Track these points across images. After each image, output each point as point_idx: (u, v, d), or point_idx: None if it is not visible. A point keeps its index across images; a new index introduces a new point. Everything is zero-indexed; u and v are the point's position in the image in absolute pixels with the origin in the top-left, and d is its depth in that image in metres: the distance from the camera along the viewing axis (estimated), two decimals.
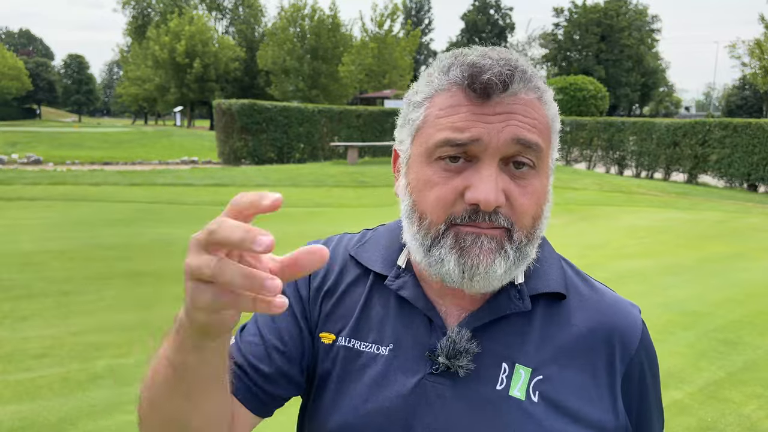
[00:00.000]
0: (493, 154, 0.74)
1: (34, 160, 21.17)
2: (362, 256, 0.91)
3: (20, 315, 4.85)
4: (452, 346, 0.79)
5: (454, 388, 0.79)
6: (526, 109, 0.76)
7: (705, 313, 5.59)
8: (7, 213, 9.59)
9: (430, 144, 0.77)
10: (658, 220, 11.33)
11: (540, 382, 0.79)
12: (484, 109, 0.74)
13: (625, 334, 0.85)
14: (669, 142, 20.19)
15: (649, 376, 0.86)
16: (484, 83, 0.74)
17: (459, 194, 0.75)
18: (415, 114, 0.81)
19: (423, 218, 0.78)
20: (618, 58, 58.42)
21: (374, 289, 0.88)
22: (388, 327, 0.85)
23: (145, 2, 61.02)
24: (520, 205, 0.76)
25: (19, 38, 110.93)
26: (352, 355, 0.85)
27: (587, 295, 0.88)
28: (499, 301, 0.82)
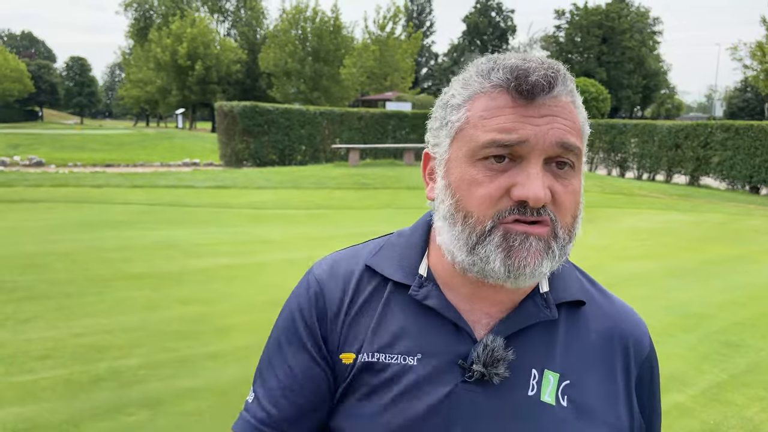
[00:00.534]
0: (539, 154, 0.76)
1: (36, 162, 21.21)
2: (380, 266, 0.90)
3: (23, 317, 4.85)
4: (490, 354, 0.79)
5: (487, 396, 0.80)
6: (566, 113, 0.78)
7: (707, 315, 5.59)
8: (10, 215, 9.61)
9: (475, 145, 0.78)
10: (660, 222, 11.32)
11: (568, 387, 0.82)
12: (529, 111, 0.76)
13: (639, 340, 0.89)
14: (671, 144, 20.19)
15: (656, 378, 0.92)
16: (531, 84, 0.75)
17: (505, 192, 0.76)
18: (455, 116, 0.81)
19: (468, 217, 0.78)
20: (619, 60, 58.39)
21: (394, 299, 0.87)
22: (414, 337, 0.84)
23: (147, 5, 61.12)
24: (563, 201, 0.78)
25: (22, 40, 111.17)
26: (377, 368, 0.83)
27: (600, 302, 0.91)
28: (528, 309, 0.83)
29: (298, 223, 10.07)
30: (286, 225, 9.80)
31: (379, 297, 0.88)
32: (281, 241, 8.34)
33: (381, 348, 0.84)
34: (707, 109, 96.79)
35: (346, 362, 0.85)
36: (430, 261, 0.88)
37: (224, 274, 6.39)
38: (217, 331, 4.69)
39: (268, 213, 11.05)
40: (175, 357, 4.20)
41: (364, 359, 0.84)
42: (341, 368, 0.86)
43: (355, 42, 41.37)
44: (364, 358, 0.84)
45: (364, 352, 0.85)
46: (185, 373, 3.95)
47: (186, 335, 4.61)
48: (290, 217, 10.74)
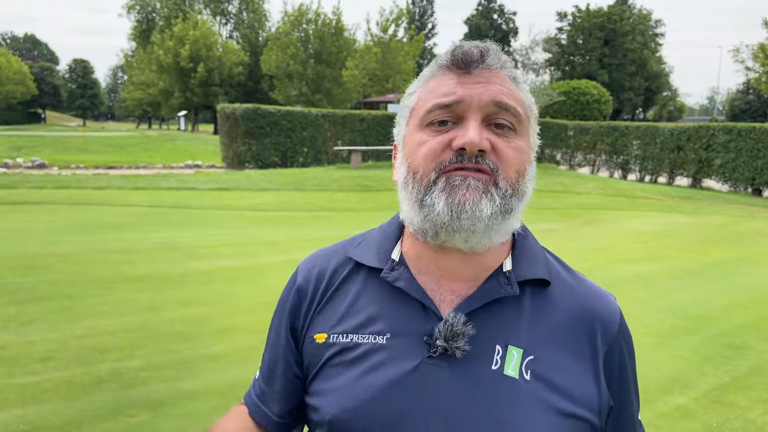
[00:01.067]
0: (475, 112, 0.84)
1: (39, 164, 21.26)
2: (358, 255, 0.97)
3: (25, 318, 4.86)
4: (450, 329, 0.84)
5: (452, 370, 0.84)
6: (503, 81, 0.87)
7: (709, 317, 5.58)
8: (12, 216, 9.62)
9: (422, 113, 0.88)
10: (662, 224, 11.31)
11: (531, 362, 0.85)
12: (466, 78, 0.86)
13: (606, 318, 0.92)
14: (673, 147, 20.17)
15: (627, 357, 0.95)
16: (464, 53, 0.86)
17: (446, 145, 0.84)
18: (409, 100, 0.92)
19: (416, 174, 0.86)
20: (621, 62, 58.39)
21: (369, 283, 0.94)
22: (385, 317, 0.90)
23: (149, 7, 61.28)
24: (504, 153, 0.84)
25: (24, 43, 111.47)
26: (348, 347, 0.90)
27: (570, 282, 0.95)
28: (489, 287, 0.89)
29: (300, 225, 10.08)
30: (288, 227, 9.81)
31: (356, 282, 0.95)
32: (283, 242, 8.35)
33: (354, 329, 0.91)
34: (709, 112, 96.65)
35: (318, 341, 0.93)
36: (403, 247, 0.95)
37: (226, 275, 6.39)
38: (218, 333, 4.69)
39: (270, 215, 11.06)
40: (177, 358, 4.20)
41: (335, 339, 0.91)
42: (314, 347, 0.93)
43: (357, 44, 41.40)
44: (336, 338, 0.91)
45: (336, 332, 0.92)
46: (187, 374, 3.95)
47: (187, 337, 4.62)
48: (292, 219, 10.75)
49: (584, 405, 0.86)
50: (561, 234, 9.94)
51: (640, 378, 0.88)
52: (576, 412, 0.85)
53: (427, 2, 71.96)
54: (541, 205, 13.19)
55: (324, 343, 0.92)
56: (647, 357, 4.55)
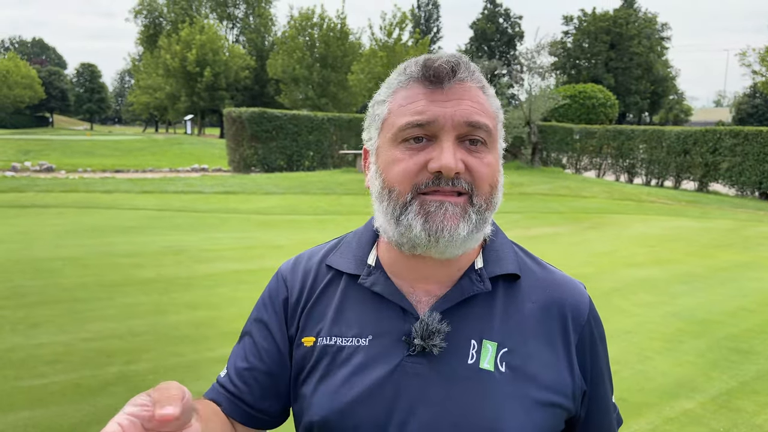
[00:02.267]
0: (449, 131, 0.86)
1: (47, 168, 21.37)
2: (335, 262, 1.00)
3: (33, 321, 4.89)
4: (426, 328, 0.88)
5: (430, 366, 0.88)
6: (474, 95, 0.88)
7: (716, 321, 5.55)
8: (20, 220, 9.69)
9: (396, 129, 0.88)
10: (669, 228, 11.27)
11: (506, 354, 0.89)
12: (438, 95, 0.87)
13: (576, 307, 0.96)
14: (679, 150, 20.11)
15: (598, 343, 0.98)
16: (436, 69, 0.86)
17: (422, 166, 0.86)
18: (380, 109, 0.93)
19: (392, 191, 0.88)
20: (627, 66, 58.25)
21: (349, 289, 0.97)
22: (366, 321, 0.93)
23: (156, 12, 61.59)
24: (478, 171, 0.87)
25: (33, 47, 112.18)
26: (334, 350, 0.93)
27: (539, 274, 0.98)
28: (463, 285, 0.92)
29: (305, 228, 10.10)
30: (294, 230, 9.83)
31: (336, 288, 0.98)
32: (289, 246, 8.36)
33: (338, 333, 0.94)
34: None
35: (307, 345, 0.96)
36: (378, 252, 0.98)
37: (232, 279, 6.42)
38: (224, 336, 4.71)
39: (276, 218, 11.09)
40: (183, 361, 4.22)
41: (323, 342, 0.94)
42: (303, 350, 0.96)
43: (362, 48, 41.47)
44: (323, 341, 0.94)
45: (323, 335, 0.95)
46: (193, 377, 3.96)
47: (194, 340, 4.64)
48: (298, 222, 10.77)
49: (559, 392, 0.90)
50: (566, 238, 9.93)
51: (647, 382, 0.88)
52: (551, 400, 0.89)
53: (432, 6, 72.03)
54: (547, 209, 13.16)
55: (312, 346, 0.95)
56: (653, 361, 4.53)
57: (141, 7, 61.14)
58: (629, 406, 3.69)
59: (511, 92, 26.36)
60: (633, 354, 4.66)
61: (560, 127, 23.90)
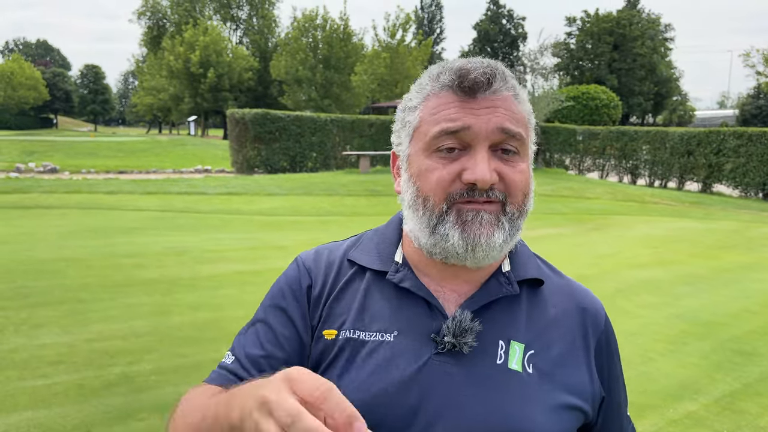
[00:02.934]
0: (483, 140, 0.86)
1: (51, 169, 21.42)
2: (359, 258, 0.99)
3: (36, 322, 4.90)
4: (459, 325, 0.88)
5: (459, 365, 0.88)
6: (507, 104, 0.88)
7: (720, 323, 5.54)
8: (24, 221, 9.71)
9: (428, 138, 0.88)
10: (672, 229, 11.25)
11: (533, 356, 0.90)
12: (471, 104, 0.87)
13: (595, 314, 0.99)
14: (683, 151, 20.07)
15: (614, 349, 1.01)
16: (471, 81, 0.86)
17: (457, 176, 0.86)
18: (411, 116, 0.92)
19: (427, 201, 0.88)
20: (631, 67, 58.14)
21: (373, 285, 0.96)
22: (391, 316, 0.92)
23: (160, 13, 61.73)
24: (512, 180, 0.88)
25: (37, 49, 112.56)
26: (356, 344, 0.91)
27: (558, 282, 1.01)
28: (491, 286, 0.93)
29: (308, 229, 10.11)
30: (297, 231, 9.84)
31: (359, 284, 0.97)
32: (292, 247, 8.37)
33: (361, 327, 0.92)
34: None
35: (328, 338, 0.93)
36: (404, 250, 0.98)
37: (235, 280, 6.42)
38: (227, 337, 4.70)
39: (279, 219, 11.10)
40: (186, 363, 4.22)
41: (345, 335, 0.92)
42: (324, 343, 0.93)
43: (365, 49, 41.51)
44: (345, 335, 0.92)
45: (345, 329, 0.93)
46: (196, 378, 3.96)
47: (197, 341, 4.64)
48: (301, 223, 10.78)
49: (580, 395, 0.91)
50: (570, 239, 9.91)
51: (650, 384, 0.88)
52: (574, 403, 0.90)
53: (435, 7, 72.04)
54: (550, 210, 13.15)
55: (333, 339, 0.93)
56: (657, 363, 4.52)
57: (145, 9, 61.29)
58: (632, 408, 3.67)
59: None
60: (636, 355, 4.64)
61: (563, 128, 23.87)
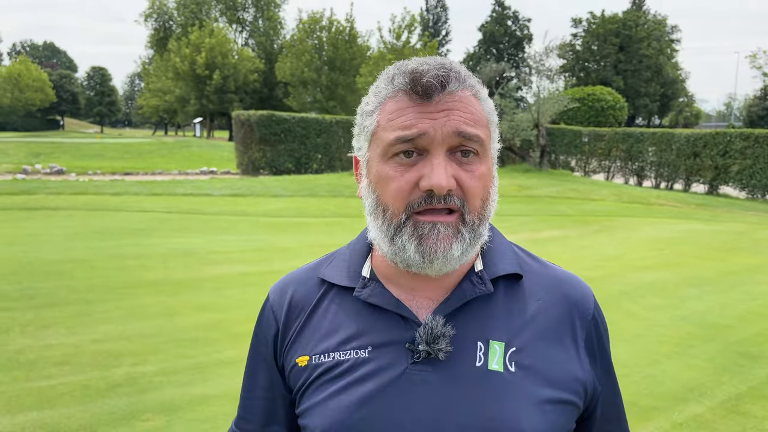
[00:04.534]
0: (439, 145, 0.83)
1: (57, 171, 21.52)
2: (328, 275, 0.98)
3: (43, 323, 4.93)
4: (430, 332, 0.86)
5: (437, 372, 0.86)
6: (464, 105, 0.85)
7: (726, 325, 5.51)
8: (31, 223, 9.76)
9: (385, 144, 0.86)
10: (678, 231, 11.20)
11: (514, 353, 0.88)
12: (427, 108, 0.84)
13: (581, 302, 0.95)
14: (689, 153, 19.99)
15: (604, 337, 0.98)
16: (424, 85, 0.84)
17: (414, 184, 0.84)
18: (369, 121, 0.90)
19: (386, 210, 0.87)
20: (637, 68, 58.01)
21: (344, 302, 0.95)
22: (365, 332, 0.91)
23: (166, 15, 61.96)
24: (469, 187, 0.85)
25: (44, 51, 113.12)
26: (330, 366, 0.90)
27: (541, 272, 0.98)
28: (464, 288, 0.91)
29: (313, 231, 10.11)
30: (302, 233, 9.85)
31: (330, 303, 0.96)
32: (296, 248, 8.38)
33: (335, 347, 0.91)
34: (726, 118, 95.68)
35: (301, 364, 0.93)
36: (373, 262, 0.97)
37: (240, 281, 6.43)
38: (232, 338, 4.72)
39: (284, 221, 11.11)
40: (191, 364, 4.23)
41: (318, 360, 0.91)
42: (298, 370, 0.93)
43: (370, 51, 41.55)
44: (318, 359, 0.91)
45: (317, 353, 0.92)
46: (200, 379, 3.98)
47: (201, 342, 4.65)
48: (306, 225, 10.79)
49: (570, 389, 0.89)
50: (575, 241, 9.88)
51: (656, 386, 0.88)
52: (563, 398, 0.88)
53: (441, 9, 72.06)
54: (555, 211, 13.12)
55: (306, 365, 0.92)
56: (663, 365, 4.50)
57: (151, 11, 61.53)
58: (638, 410, 3.67)
59: (520, 95, 26.30)
60: (642, 358, 4.63)
61: (569, 130, 23.82)
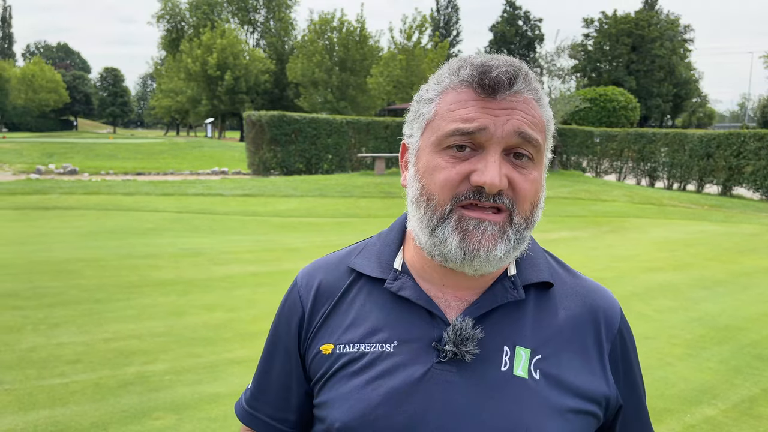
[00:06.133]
0: (497, 143, 0.82)
1: (70, 171, 21.68)
2: (359, 264, 0.97)
3: (54, 321, 4.96)
4: (459, 333, 0.84)
5: (462, 374, 0.85)
6: (527, 108, 0.84)
7: (739, 327, 5.45)
8: (43, 222, 9.84)
9: (441, 134, 0.84)
10: (691, 232, 11.11)
11: (539, 361, 0.87)
12: (490, 104, 0.82)
13: (608, 315, 0.94)
14: (702, 154, 19.83)
15: (631, 351, 0.96)
16: (492, 80, 0.82)
17: (465, 177, 0.82)
18: (426, 109, 0.88)
19: (430, 200, 0.84)
20: (649, 68, 57.59)
21: (373, 293, 0.93)
22: (391, 326, 0.89)
23: (178, 17, 62.31)
24: (521, 189, 0.83)
25: (58, 52, 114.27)
26: (354, 357, 0.89)
27: (570, 282, 0.96)
28: (496, 292, 0.89)
29: (323, 231, 10.13)
30: (312, 233, 9.86)
31: (359, 293, 0.94)
32: (307, 249, 8.39)
33: (360, 338, 0.90)
34: (740, 119, 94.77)
35: (325, 352, 0.92)
36: (405, 255, 0.95)
37: (250, 281, 6.45)
38: (241, 338, 4.73)
39: (295, 221, 11.13)
40: (201, 363, 4.25)
41: (342, 349, 0.90)
42: (321, 358, 0.92)
43: (381, 52, 41.55)
44: (342, 348, 0.90)
45: (342, 342, 0.91)
46: (210, 378, 3.99)
47: (211, 341, 4.67)
48: (316, 225, 10.81)
49: (591, 400, 0.88)
50: (586, 242, 9.83)
51: (667, 388, 0.86)
52: (586, 408, 0.87)
53: (451, 10, 71.97)
54: (566, 212, 13.05)
55: (330, 354, 0.91)
56: (675, 367, 4.46)
57: (163, 12, 61.92)
58: (650, 413, 3.62)
59: None
60: (654, 359, 4.59)
61: (580, 131, 23.69)
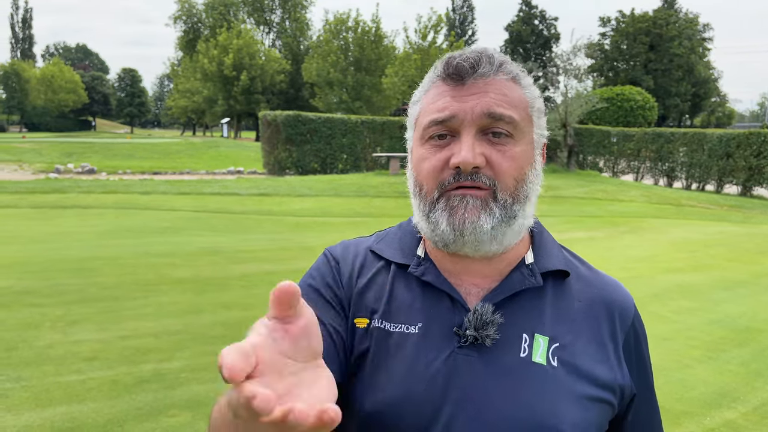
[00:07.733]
0: (469, 125, 0.86)
1: (89, 170, 21.92)
2: (383, 251, 1.00)
3: (72, 319, 5.01)
4: (479, 318, 0.87)
5: (482, 358, 0.87)
6: (499, 88, 0.88)
7: (760, 330, 5.37)
8: (62, 221, 9.96)
9: (421, 127, 0.92)
10: (710, 233, 10.96)
11: (557, 349, 0.89)
12: (460, 92, 0.88)
13: (623, 307, 0.97)
14: (722, 154, 19.58)
15: (643, 342, 0.99)
16: (455, 67, 0.88)
17: (445, 162, 0.88)
18: (414, 109, 0.96)
19: (422, 189, 0.91)
20: (667, 67, 56.99)
21: (397, 278, 0.96)
22: (415, 309, 0.92)
23: (195, 17, 62.79)
24: (499, 165, 0.87)
25: (76, 53, 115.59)
26: (385, 335, 0.91)
27: (585, 274, 0.99)
28: (514, 279, 0.92)
29: (338, 230, 10.14)
30: (327, 232, 9.87)
31: (385, 276, 0.97)
32: (322, 247, 8.36)
33: (388, 317, 0.93)
34: (760, 118, 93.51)
35: (360, 326, 0.94)
36: (426, 245, 0.98)
37: (266, 280, 6.47)
38: None
39: (310, 221, 11.16)
40: (217, 361, 4.25)
41: (376, 324, 0.93)
42: (357, 331, 0.94)
43: (396, 52, 41.53)
44: (376, 324, 0.93)
45: (376, 318, 0.93)
46: None
47: (228, 339, 4.68)
48: (331, 224, 10.82)
49: (607, 388, 0.89)
50: (603, 242, 9.74)
51: (687, 391, 0.85)
52: (602, 396, 0.89)
53: (467, 9, 71.78)
54: (583, 212, 12.95)
55: (365, 328, 0.93)
56: (694, 370, 4.40)
57: (180, 13, 62.43)
58: (669, 416, 3.58)
59: (547, 95, 26.04)
60: (672, 362, 4.53)
61: (597, 130, 23.50)
